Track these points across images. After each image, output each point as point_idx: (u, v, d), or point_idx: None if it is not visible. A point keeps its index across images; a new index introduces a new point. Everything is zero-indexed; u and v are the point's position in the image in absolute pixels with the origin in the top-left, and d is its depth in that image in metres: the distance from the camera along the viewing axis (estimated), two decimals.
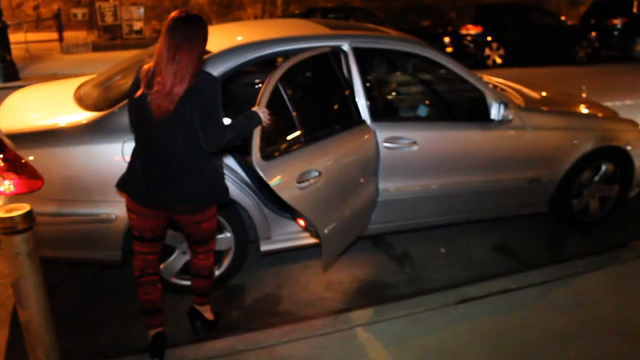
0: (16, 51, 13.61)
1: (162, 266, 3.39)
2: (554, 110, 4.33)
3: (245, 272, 3.73)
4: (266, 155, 2.84)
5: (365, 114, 3.55)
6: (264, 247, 3.57)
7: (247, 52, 3.40)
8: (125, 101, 3.20)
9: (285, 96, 3.04)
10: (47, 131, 3.19)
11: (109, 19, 15.59)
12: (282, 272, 3.82)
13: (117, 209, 3.15)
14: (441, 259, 4.07)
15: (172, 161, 2.56)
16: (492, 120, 3.87)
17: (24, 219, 2.30)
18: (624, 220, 4.71)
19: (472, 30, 13.65)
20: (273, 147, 2.96)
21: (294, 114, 3.08)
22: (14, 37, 14.04)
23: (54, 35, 15.69)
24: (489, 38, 13.49)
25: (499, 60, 13.55)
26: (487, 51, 13.51)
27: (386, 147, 3.56)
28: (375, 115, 3.58)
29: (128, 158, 3.08)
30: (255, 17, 18.93)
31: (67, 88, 3.91)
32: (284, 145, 3.04)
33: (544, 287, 3.52)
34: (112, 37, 16.27)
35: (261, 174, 2.80)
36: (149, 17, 17.80)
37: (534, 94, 4.57)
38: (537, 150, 4.05)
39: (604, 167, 4.36)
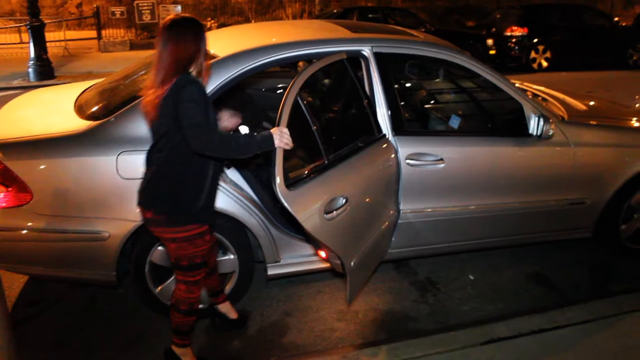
0: (55, 49, 13.80)
1: (159, 288, 3.14)
2: (602, 123, 3.88)
3: (251, 295, 3.44)
4: (290, 183, 2.48)
5: (386, 126, 3.21)
6: (272, 271, 3.27)
7: (255, 56, 3.09)
8: (123, 110, 2.99)
9: (304, 109, 2.70)
10: (37, 141, 2.95)
11: (147, 17, 15.54)
12: (292, 298, 3.50)
13: (110, 226, 2.91)
14: (469, 288, 3.68)
15: (152, 166, 2.48)
16: (530, 135, 3.46)
17: None
18: None
19: (517, 31, 13.01)
20: (296, 172, 2.62)
21: (314, 128, 2.72)
22: (54, 35, 14.22)
23: (94, 33, 15.80)
24: (535, 40, 12.85)
25: (545, 64, 12.91)
26: (533, 54, 12.87)
27: (409, 164, 3.21)
28: (397, 128, 3.23)
29: (123, 173, 2.86)
30: (294, 17, 18.69)
31: (71, 93, 3.68)
32: (307, 169, 2.69)
33: (584, 327, 3.10)
34: (149, 36, 16.26)
35: (287, 207, 2.42)
36: None
37: (579, 105, 4.12)
38: (581, 169, 3.62)
39: None
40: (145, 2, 15.65)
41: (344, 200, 2.72)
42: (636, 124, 4.06)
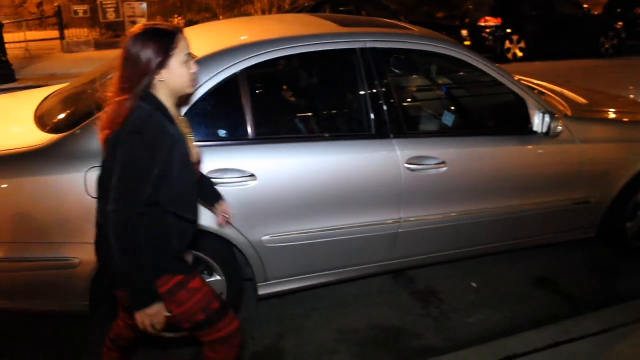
0: (16, 51, 13.18)
1: None
2: (607, 118, 3.68)
3: (240, 317, 3.12)
4: None
5: (382, 127, 2.94)
6: (263, 291, 2.97)
7: (235, 57, 2.77)
8: (91, 120, 2.65)
9: (242, 92, 2.74)
10: None
11: (111, 16, 14.94)
12: (285, 318, 3.21)
13: (80, 252, 2.57)
14: (473, 296, 3.45)
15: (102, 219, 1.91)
16: (535, 133, 3.23)
17: None
18: None
19: (491, 22, 12.88)
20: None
21: (250, 110, 2.76)
22: (14, 36, 13.60)
23: (56, 33, 15.17)
24: (508, 30, 12.73)
25: (520, 54, 12.80)
26: (508, 44, 12.76)
27: (409, 169, 2.94)
28: (395, 129, 2.96)
29: (93, 191, 2.52)
30: (263, 12, 18.28)
31: (31, 101, 3.32)
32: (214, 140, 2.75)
33: (601, 338, 2.88)
34: (114, 35, 15.68)
35: None
36: (154, 12, 17.25)
37: (580, 99, 3.91)
38: (588, 167, 3.41)
39: None
40: (109, 1, 15.08)
41: (244, 174, 2.69)
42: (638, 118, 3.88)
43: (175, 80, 1.88)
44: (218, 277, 2.85)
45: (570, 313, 3.20)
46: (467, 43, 12.89)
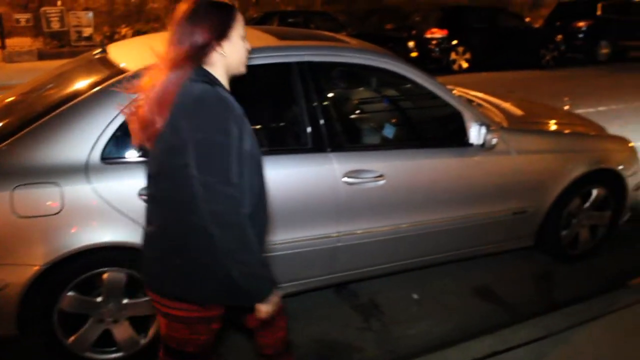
0: None
1: (71, 339, 2.72)
2: (541, 130, 3.79)
3: None
4: (113, 157, 2.56)
5: (319, 141, 2.94)
6: None
7: None
8: (19, 135, 2.56)
9: None
10: None
11: (56, 25, 14.59)
12: (223, 336, 3.15)
13: (7, 274, 2.49)
14: (414, 308, 3.48)
15: (159, 223, 1.80)
16: (471, 145, 3.29)
17: None
18: (615, 247, 4.20)
19: (437, 33, 13.18)
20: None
21: None
22: None
23: None
24: (454, 42, 13.05)
25: (465, 65, 13.14)
26: (453, 55, 13.08)
27: (347, 182, 2.94)
28: (333, 143, 2.96)
29: (20, 210, 2.43)
30: None
31: None
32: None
33: (538, 346, 2.94)
34: (59, 45, 15.28)
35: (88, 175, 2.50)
36: (101, 22, 16.89)
37: (516, 110, 4.01)
38: (523, 177, 3.50)
39: (595, 193, 3.84)
40: (53, 9, 14.72)
41: None
42: (573, 129, 4.02)
43: (235, 55, 1.74)
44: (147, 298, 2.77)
45: (510, 322, 3.26)
46: (414, 54, 13.13)
